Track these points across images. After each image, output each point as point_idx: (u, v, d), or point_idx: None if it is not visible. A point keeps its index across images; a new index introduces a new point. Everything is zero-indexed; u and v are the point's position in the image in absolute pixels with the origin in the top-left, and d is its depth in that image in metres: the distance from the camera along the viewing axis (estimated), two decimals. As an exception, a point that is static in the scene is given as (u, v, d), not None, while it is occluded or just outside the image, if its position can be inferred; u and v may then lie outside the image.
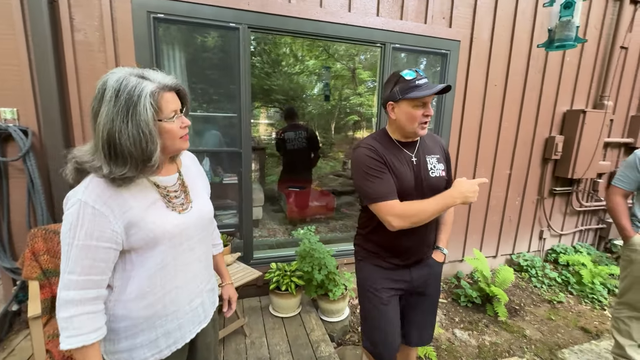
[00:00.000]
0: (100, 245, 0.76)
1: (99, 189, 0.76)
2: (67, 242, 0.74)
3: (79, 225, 0.73)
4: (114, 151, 0.75)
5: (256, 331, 2.16)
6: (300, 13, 2.25)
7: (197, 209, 0.96)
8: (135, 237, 0.80)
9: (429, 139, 1.41)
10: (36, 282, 1.58)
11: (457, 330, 2.47)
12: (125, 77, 0.75)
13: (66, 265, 0.74)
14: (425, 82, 1.22)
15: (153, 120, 0.77)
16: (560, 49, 1.34)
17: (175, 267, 0.91)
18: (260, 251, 2.70)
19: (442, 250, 1.46)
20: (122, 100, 0.74)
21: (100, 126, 0.74)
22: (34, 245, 1.64)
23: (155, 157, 0.79)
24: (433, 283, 1.46)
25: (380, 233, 1.32)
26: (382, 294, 1.37)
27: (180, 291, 0.93)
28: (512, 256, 3.43)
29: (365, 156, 1.26)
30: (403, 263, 1.38)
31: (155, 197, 0.87)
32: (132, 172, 0.77)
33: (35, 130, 1.92)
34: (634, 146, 3.50)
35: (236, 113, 2.33)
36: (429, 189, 1.28)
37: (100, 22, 1.93)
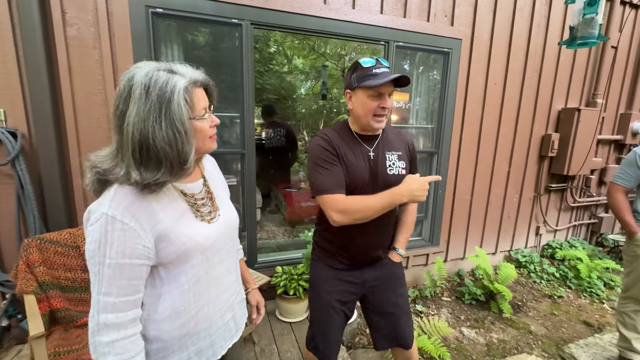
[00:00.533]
0: (134, 263, 0.69)
1: (126, 201, 0.69)
2: (98, 262, 0.67)
3: (108, 242, 0.66)
4: (146, 154, 0.68)
5: (265, 338, 2.10)
6: (304, 9, 2.19)
7: (224, 217, 0.90)
8: (165, 251, 0.74)
9: (394, 135, 1.37)
10: (32, 296, 1.47)
11: (464, 329, 2.47)
12: (153, 71, 0.69)
13: (100, 286, 0.67)
14: (384, 72, 1.16)
15: (188, 118, 0.71)
16: (583, 46, 1.34)
17: (208, 281, 0.85)
18: (262, 254, 2.63)
19: (398, 251, 1.41)
20: (153, 97, 0.67)
21: (130, 127, 0.67)
22: (28, 256, 1.53)
23: (191, 158, 0.73)
24: (390, 284, 1.39)
25: (334, 231, 1.26)
26: (332, 297, 1.34)
27: (212, 306, 0.87)
28: (511, 252, 3.48)
29: (317, 146, 1.22)
30: (356, 264, 1.34)
31: (183, 207, 0.80)
32: (166, 177, 0.71)
33: (25, 132, 1.79)
34: (623, 143, 3.62)
35: (239, 113, 2.25)
36: (385, 186, 1.21)
37: (95, 16, 1.81)
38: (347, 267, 1.35)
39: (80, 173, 1.91)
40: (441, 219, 3.00)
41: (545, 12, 2.96)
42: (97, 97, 1.88)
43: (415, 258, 2.98)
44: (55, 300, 1.55)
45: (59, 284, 1.60)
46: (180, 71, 0.73)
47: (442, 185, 2.92)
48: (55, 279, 1.59)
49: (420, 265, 3.04)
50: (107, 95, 1.89)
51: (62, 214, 1.87)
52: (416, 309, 2.70)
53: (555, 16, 3.00)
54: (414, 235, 3.13)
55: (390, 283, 1.40)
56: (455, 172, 2.95)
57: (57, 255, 1.62)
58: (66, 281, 1.63)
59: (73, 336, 1.52)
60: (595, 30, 1.25)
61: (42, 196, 1.85)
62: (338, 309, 1.35)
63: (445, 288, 3.01)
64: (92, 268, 0.67)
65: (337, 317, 1.36)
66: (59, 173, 1.83)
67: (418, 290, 2.90)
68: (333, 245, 1.35)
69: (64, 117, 1.84)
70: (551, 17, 2.98)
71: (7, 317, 1.89)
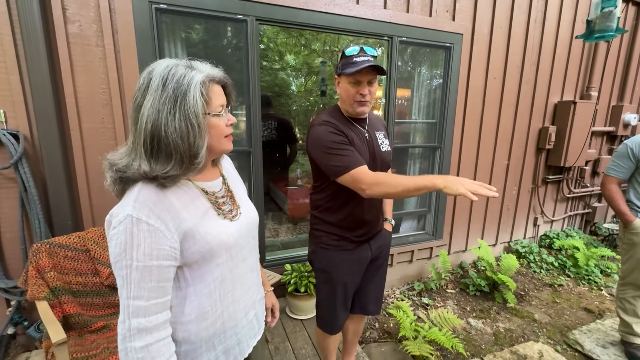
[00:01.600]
0: (162, 265, 0.68)
1: (150, 202, 0.67)
2: (125, 265, 0.65)
3: (135, 244, 0.65)
4: (157, 146, 0.68)
5: (277, 336, 2.09)
6: (309, 5, 2.17)
7: (245, 215, 0.89)
8: (190, 251, 0.73)
9: (375, 118, 1.51)
10: (45, 302, 1.43)
11: (471, 320, 2.52)
12: (173, 65, 0.70)
13: (129, 291, 0.66)
14: (364, 60, 1.22)
15: (202, 112, 0.70)
16: (600, 39, 1.37)
17: (233, 279, 0.84)
18: (270, 253, 2.62)
19: (390, 221, 1.61)
20: (169, 89, 0.67)
21: (144, 117, 0.66)
22: (38, 261, 1.49)
23: (203, 153, 0.72)
24: (385, 253, 1.59)
25: (340, 210, 1.37)
26: (344, 278, 1.44)
27: (237, 305, 0.87)
28: (510, 243, 3.56)
29: (327, 132, 1.25)
30: (366, 237, 1.45)
31: (206, 205, 0.79)
32: (176, 170, 0.70)
33: (27, 133, 1.73)
34: (615, 134, 3.72)
35: (244, 110, 2.22)
36: (382, 162, 1.40)
37: (97, 13, 1.75)
38: (358, 244, 1.44)
39: (85, 174, 1.85)
40: (444, 213, 3.04)
41: (542, 7, 3.00)
42: (101, 96, 1.83)
43: (420, 252, 3.02)
44: (68, 305, 1.51)
45: (71, 288, 1.57)
46: (199, 67, 0.73)
47: (445, 179, 2.94)
48: (66, 284, 1.55)
49: (424, 258, 3.08)
50: (111, 94, 1.84)
51: (67, 217, 1.82)
52: (422, 301, 2.74)
53: (552, 11, 3.05)
54: (417, 229, 3.16)
55: (386, 253, 1.60)
56: (458, 165, 2.98)
57: (67, 260, 1.58)
58: (77, 286, 1.59)
59: (88, 342, 1.48)
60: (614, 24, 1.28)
61: (46, 200, 1.79)
62: (349, 286, 1.47)
63: (449, 280, 3.06)
64: (119, 272, 0.66)
65: (348, 294, 1.49)
66: (63, 175, 1.78)
67: (423, 284, 2.94)
68: (341, 226, 1.40)
69: (67, 118, 1.78)
70: (548, 12, 3.03)
71: (13, 324, 1.83)
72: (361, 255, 1.47)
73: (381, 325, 2.41)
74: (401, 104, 2.91)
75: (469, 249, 3.26)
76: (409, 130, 3.04)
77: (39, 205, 1.73)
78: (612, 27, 1.28)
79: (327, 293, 1.49)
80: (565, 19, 3.13)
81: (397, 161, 2.96)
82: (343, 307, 1.50)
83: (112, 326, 1.58)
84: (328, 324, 1.53)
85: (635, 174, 1.95)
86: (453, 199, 3.06)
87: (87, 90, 1.80)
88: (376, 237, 1.51)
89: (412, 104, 2.97)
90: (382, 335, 2.30)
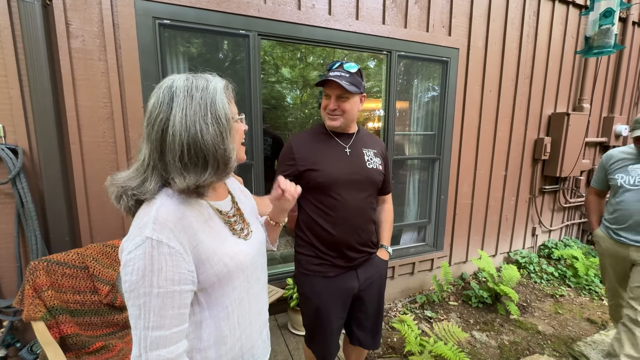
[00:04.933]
0: (183, 290, 0.65)
1: (170, 222, 0.64)
2: (143, 293, 0.61)
3: (155, 269, 0.61)
4: (195, 154, 0.66)
5: (280, 353, 2.04)
6: (310, 20, 2.21)
7: (255, 233, 0.88)
8: (206, 274, 0.70)
9: (368, 138, 1.47)
10: (42, 322, 1.37)
11: (475, 332, 2.49)
12: (190, 77, 0.70)
13: (146, 321, 0.61)
14: (334, 75, 1.26)
15: (231, 116, 0.71)
16: (599, 55, 1.42)
17: (250, 300, 0.82)
18: (270, 267, 2.58)
19: (387, 248, 1.51)
20: (197, 98, 0.67)
21: (177, 128, 0.65)
22: (35, 280, 1.44)
23: (234, 157, 0.72)
24: (378, 284, 1.48)
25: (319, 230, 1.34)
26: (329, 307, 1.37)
27: (253, 325, 0.85)
28: (510, 254, 3.56)
29: (285, 148, 1.39)
30: (351, 263, 1.38)
31: (220, 225, 0.77)
32: (211, 177, 0.69)
33: (26, 148, 1.70)
34: (608, 145, 3.80)
35: (247, 123, 2.22)
36: (366, 179, 1.36)
37: (100, 28, 1.76)
38: (341, 270, 1.37)
39: (84, 189, 1.82)
40: (444, 224, 3.04)
41: (534, 23, 3.10)
42: (103, 111, 1.82)
43: (421, 263, 3.00)
44: (65, 326, 1.45)
45: (68, 307, 1.51)
46: (212, 77, 0.74)
47: (444, 191, 2.96)
48: (64, 303, 1.50)
49: (425, 270, 3.06)
50: (112, 108, 1.83)
51: (65, 234, 1.77)
52: (425, 314, 2.70)
53: (543, 27, 3.15)
54: (418, 241, 3.15)
55: (379, 284, 1.49)
56: (457, 177, 3.01)
57: (66, 278, 1.53)
58: (75, 304, 1.54)
59: (86, 364, 1.42)
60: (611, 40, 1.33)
61: (44, 215, 1.75)
62: (332, 316, 1.39)
63: (451, 292, 3.03)
64: (136, 301, 0.61)
65: (332, 324, 1.40)
66: (62, 190, 1.75)
67: (425, 296, 2.91)
68: (320, 250, 1.36)
69: (68, 132, 1.76)
70: (539, 28, 3.12)
71: (5, 346, 1.76)
72: (346, 284, 1.38)
73: (385, 340, 2.36)
74: (401, 116, 2.94)
75: (469, 259, 3.25)
76: (408, 142, 3.07)
77: (37, 221, 1.69)
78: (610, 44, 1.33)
79: (311, 319, 1.43)
80: (556, 34, 3.23)
81: (397, 173, 2.97)
82: (329, 336, 1.42)
83: (111, 347, 1.52)
84: (318, 347, 1.46)
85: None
86: (452, 210, 3.07)
87: (89, 105, 1.79)
88: (365, 265, 1.43)
89: (411, 116, 3.01)
90: (386, 351, 2.26)
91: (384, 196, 1.57)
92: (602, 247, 2.05)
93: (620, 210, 1.90)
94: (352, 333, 1.53)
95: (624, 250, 1.90)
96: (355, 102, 1.32)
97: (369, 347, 1.55)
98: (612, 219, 1.97)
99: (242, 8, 2.01)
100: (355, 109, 1.34)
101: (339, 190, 1.30)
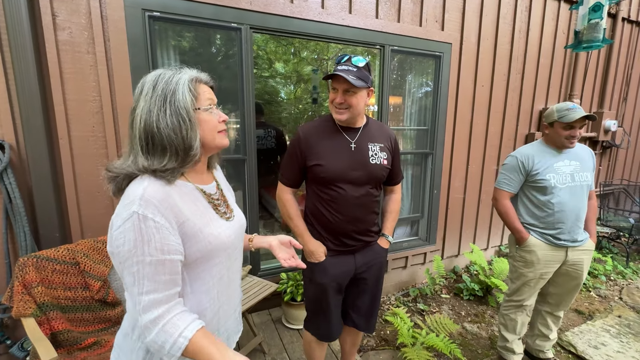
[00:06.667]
0: (173, 259, 0.70)
1: (155, 199, 0.69)
2: (137, 261, 0.66)
3: (146, 240, 0.66)
4: (152, 142, 0.73)
5: (274, 347, 2.05)
6: (302, 14, 2.19)
7: (237, 217, 0.93)
8: (191, 249, 0.75)
9: (377, 128, 1.48)
10: (32, 319, 1.36)
11: (466, 324, 2.54)
12: (162, 72, 0.77)
13: (141, 286, 0.67)
14: (342, 69, 1.28)
15: (192, 107, 0.75)
16: (588, 49, 1.43)
17: (229, 277, 0.89)
18: (264, 262, 2.58)
19: (388, 237, 1.56)
20: (159, 90, 0.73)
21: (138, 118, 0.73)
22: (24, 276, 1.42)
23: (196, 145, 0.76)
24: (376, 271, 1.53)
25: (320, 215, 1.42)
26: (329, 280, 1.43)
27: (230, 302, 0.91)
28: (501, 247, 3.62)
29: (292, 140, 1.43)
30: (349, 248, 1.45)
31: (205, 204, 0.83)
32: (173, 163, 0.74)
33: (13, 143, 1.67)
34: (597, 140, 3.86)
35: (239, 118, 2.21)
36: (369, 174, 1.39)
37: (88, 20, 1.72)
38: (338, 252, 1.44)
39: (74, 184, 1.79)
40: (437, 218, 3.07)
41: (526, 19, 3.12)
42: (92, 104, 1.79)
43: (414, 257, 3.03)
44: (56, 322, 1.44)
45: (59, 304, 1.50)
46: (186, 70, 0.79)
47: (437, 185, 2.99)
48: (54, 299, 1.48)
49: (418, 264, 3.10)
50: (102, 102, 1.80)
51: (55, 229, 1.75)
52: (418, 307, 2.74)
53: (535, 23, 3.17)
54: (411, 235, 3.18)
55: (377, 271, 1.53)
56: (449, 171, 3.03)
57: (56, 274, 1.52)
58: (66, 301, 1.52)
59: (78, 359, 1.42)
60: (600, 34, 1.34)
61: (32, 211, 1.73)
62: (330, 292, 1.45)
63: (443, 285, 3.08)
64: (130, 269, 0.67)
65: (330, 300, 1.46)
66: (51, 185, 1.72)
67: (418, 289, 2.95)
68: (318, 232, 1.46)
69: (56, 126, 1.73)
70: (531, 24, 3.14)
71: (-6, 344, 1.74)
72: (342, 264, 1.45)
73: (378, 333, 2.39)
74: (394, 111, 2.95)
75: (461, 253, 3.29)
76: (401, 137, 3.08)
77: (25, 217, 1.67)
78: (599, 38, 1.34)
79: (312, 298, 1.51)
80: (548, 30, 3.26)
81: (390, 167, 2.98)
82: (329, 314, 1.49)
83: (103, 342, 1.51)
84: (314, 325, 1.55)
85: (524, 189, 1.84)
86: (445, 204, 3.10)
87: (77, 98, 1.76)
88: (364, 251, 1.49)
89: (404, 111, 3.02)
90: (379, 343, 2.29)
91: (392, 187, 1.60)
92: (537, 257, 1.78)
93: (557, 213, 1.72)
94: (347, 314, 1.58)
95: (561, 255, 1.78)
96: (362, 96, 1.33)
97: (362, 329, 1.59)
98: (546, 223, 1.76)
99: (234, 0, 1.98)
100: (362, 103, 1.34)
101: (341, 184, 1.36)
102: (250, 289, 1.98)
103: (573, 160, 1.77)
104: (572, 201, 1.74)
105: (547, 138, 1.82)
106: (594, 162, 1.86)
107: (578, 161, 1.78)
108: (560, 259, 1.80)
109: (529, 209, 1.83)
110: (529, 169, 1.77)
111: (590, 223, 1.87)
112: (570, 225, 1.75)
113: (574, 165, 1.76)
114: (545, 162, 1.75)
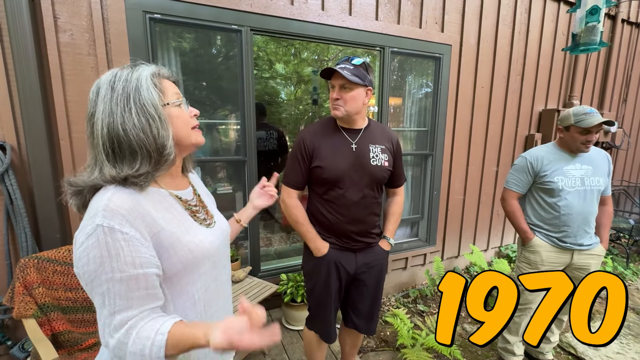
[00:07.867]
0: (148, 272, 0.63)
1: (123, 209, 0.62)
2: (105, 280, 0.59)
3: (113, 255, 0.59)
4: (118, 147, 0.65)
5: (274, 348, 2.06)
6: (303, 16, 2.20)
7: (219, 223, 0.88)
8: (170, 261, 0.68)
9: (379, 130, 1.50)
10: (33, 320, 1.37)
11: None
12: (116, 71, 0.69)
13: (112, 306, 0.59)
14: (340, 67, 1.31)
15: (160, 103, 0.68)
16: (585, 52, 1.44)
17: (217, 288, 0.83)
18: (264, 263, 2.58)
19: (389, 240, 1.56)
20: (119, 89, 0.65)
21: (99, 123, 0.64)
22: (25, 277, 1.43)
23: (170, 144, 0.69)
24: (377, 272, 1.53)
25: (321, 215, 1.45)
26: (330, 275, 1.45)
27: (220, 314, 0.85)
28: (501, 248, 3.62)
29: (296, 142, 1.44)
30: (349, 246, 1.46)
31: (182, 211, 0.76)
32: (146, 167, 0.67)
33: (14, 144, 1.67)
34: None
35: (239, 119, 2.21)
36: (370, 176, 1.40)
37: (89, 22, 1.73)
38: (339, 248, 1.46)
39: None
40: (437, 219, 3.08)
41: (525, 20, 3.13)
42: (93, 106, 1.79)
43: (414, 258, 3.03)
44: (57, 323, 1.45)
45: (60, 305, 1.50)
46: (143, 65, 0.72)
47: (437, 186, 3.00)
48: (55, 300, 1.49)
49: (418, 265, 3.10)
50: (103, 104, 1.80)
51: (56, 231, 1.76)
52: (418, 308, 2.74)
53: (534, 24, 3.18)
54: (411, 236, 3.19)
55: (378, 272, 1.54)
56: (449, 173, 3.04)
57: (57, 275, 1.52)
58: (67, 301, 1.53)
59: (78, 360, 1.42)
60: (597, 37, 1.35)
61: (33, 212, 1.73)
62: (332, 286, 1.46)
63: (443, 286, 3.07)
64: (98, 289, 0.59)
65: (335, 295, 1.48)
66: (52, 186, 1.72)
67: (418, 291, 2.95)
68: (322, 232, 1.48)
69: (57, 127, 1.74)
70: (530, 25, 3.15)
71: (-5, 345, 1.74)
72: (342, 260, 1.46)
73: (378, 334, 2.39)
74: (394, 112, 2.96)
75: (461, 254, 3.30)
76: (401, 138, 3.09)
77: (26, 218, 1.67)
78: (596, 41, 1.35)
79: (314, 294, 1.53)
80: (547, 32, 3.27)
81: (390, 169, 2.99)
82: (328, 306, 1.50)
83: (103, 343, 1.52)
84: (316, 323, 1.56)
85: (532, 190, 1.85)
86: (445, 205, 3.10)
87: (78, 100, 1.76)
88: (365, 251, 1.50)
89: (404, 112, 3.02)
90: (379, 344, 2.29)
91: (394, 189, 1.61)
92: (541, 257, 1.80)
93: (563, 216, 1.73)
94: (348, 316, 1.59)
95: (566, 257, 1.79)
96: (358, 93, 1.34)
97: (362, 332, 1.60)
98: (552, 225, 1.78)
99: (234, 2, 1.99)
100: (359, 100, 1.36)
101: (342, 185, 1.38)
102: (250, 290, 1.99)
103: (585, 164, 1.75)
104: (580, 205, 1.73)
105: (561, 141, 1.80)
106: (610, 167, 1.80)
107: (590, 165, 1.75)
108: (565, 262, 1.80)
109: (535, 210, 1.84)
110: (538, 170, 1.77)
111: (603, 229, 1.84)
112: (576, 229, 1.74)
113: (585, 169, 1.74)
114: (555, 164, 1.75)
